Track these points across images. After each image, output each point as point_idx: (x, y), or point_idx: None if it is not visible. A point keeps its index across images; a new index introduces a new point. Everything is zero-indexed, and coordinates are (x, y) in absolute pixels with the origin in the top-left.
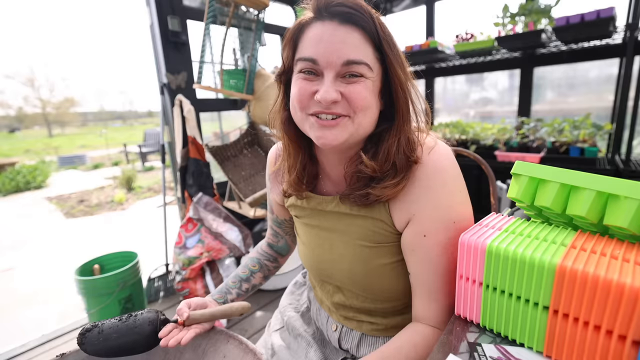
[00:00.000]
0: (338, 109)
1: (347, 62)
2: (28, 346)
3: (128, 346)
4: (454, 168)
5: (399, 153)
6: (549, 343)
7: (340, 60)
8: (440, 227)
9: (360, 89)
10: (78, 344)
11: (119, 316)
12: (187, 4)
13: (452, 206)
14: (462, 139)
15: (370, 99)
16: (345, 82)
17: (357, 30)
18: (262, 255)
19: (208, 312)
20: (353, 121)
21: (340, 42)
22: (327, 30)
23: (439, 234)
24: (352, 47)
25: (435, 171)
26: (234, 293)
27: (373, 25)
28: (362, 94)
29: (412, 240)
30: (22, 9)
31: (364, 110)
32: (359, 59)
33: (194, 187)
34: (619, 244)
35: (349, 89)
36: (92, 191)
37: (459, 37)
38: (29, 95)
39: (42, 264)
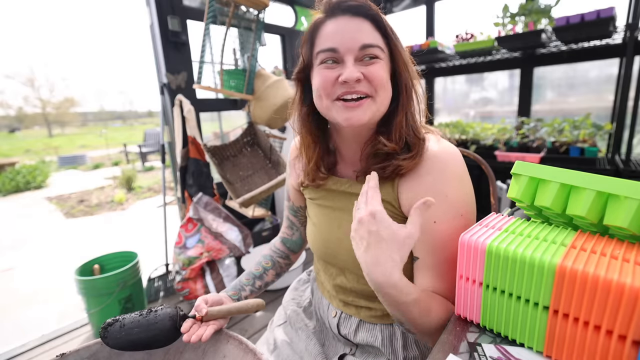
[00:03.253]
0: (361, 87)
1: (364, 45)
2: (28, 346)
3: (149, 341)
4: (464, 164)
5: (409, 130)
6: (549, 343)
7: (357, 45)
8: (450, 217)
9: (377, 69)
10: (101, 338)
11: (139, 311)
12: (187, 4)
13: (463, 199)
14: (462, 139)
15: (386, 78)
16: (364, 64)
17: (367, 20)
18: (274, 252)
19: (225, 309)
20: (375, 100)
21: (355, 31)
22: (341, 23)
23: (448, 222)
24: (366, 34)
25: (447, 161)
26: (248, 290)
27: (378, 16)
28: (379, 73)
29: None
30: (22, 9)
31: (383, 87)
32: (373, 42)
33: (194, 187)
34: (619, 244)
35: (369, 69)
36: (92, 191)
37: (459, 37)
38: (29, 95)
39: (42, 264)
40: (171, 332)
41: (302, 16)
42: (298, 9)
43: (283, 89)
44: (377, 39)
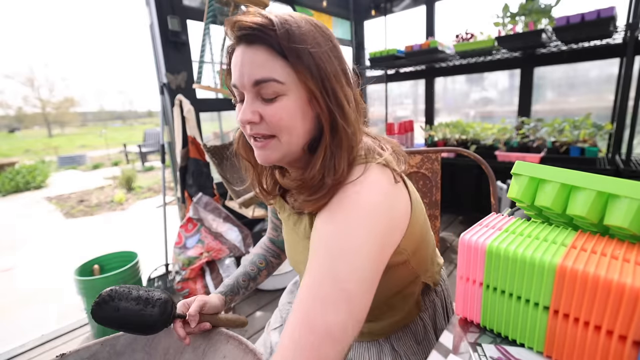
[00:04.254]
0: (261, 129)
1: (255, 82)
2: (28, 346)
3: (135, 331)
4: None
5: (325, 169)
6: (549, 343)
7: (249, 83)
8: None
9: (275, 110)
10: (91, 311)
11: (136, 294)
12: (187, 4)
13: (342, 260)
14: (462, 139)
15: (289, 118)
16: (264, 102)
17: (262, 48)
18: (267, 251)
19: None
20: (280, 141)
21: (248, 64)
22: (238, 55)
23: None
24: (258, 67)
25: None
26: (241, 293)
27: (276, 38)
28: (277, 115)
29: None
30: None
31: (286, 129)
32: (265, 76)
33: (193, 187)
34: (619, 244)
35: (266, 110)
36: (92, 191)
37: (459, 37)
38: (29, 95)
39: (42, 264)
40: (159, 329)
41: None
42: (298, 8)
43: None
44: (274, 69)
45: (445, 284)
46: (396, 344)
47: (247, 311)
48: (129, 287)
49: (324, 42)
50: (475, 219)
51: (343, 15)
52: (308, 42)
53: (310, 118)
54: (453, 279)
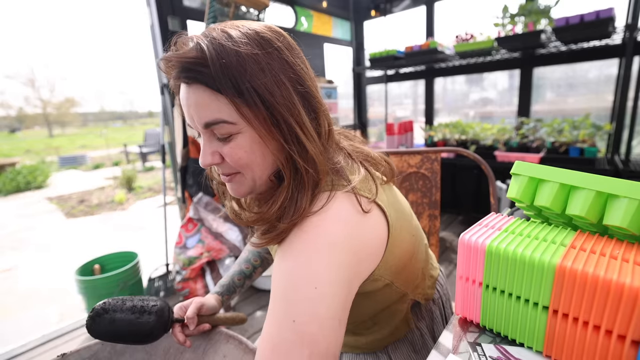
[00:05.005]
0: (225, 169)
1: (205, 125)
2: (28, 346)
3: (134, 340)
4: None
5: (287, 208)
6: (549, 343)
7: (200, 125)
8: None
9: (231, 150)
10: (86, 326)
11: (131, 304)
12: (187, 4)
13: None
14: (462, 139)
15: (247, 156)
16: (221, 141)
17: (201, 87)
18: (262, 248)
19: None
20: (245, 176)
21: (193, 106)
22: (183, 95)
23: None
24: (204, 108)
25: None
26: (237, 292)
27: (211, 77)
28: (235, 155)
29: None
30: (22, 9)
31: (247, 167)
32: (213, 119)
33: (194, 187)
34: (618, 244)
35: (224, 150)
36: (93, 191)
37: (459, 38)
38: (30, 95)
39: (43, 264)
40: (159, 336)
41: (302, 16)
42: (298, 9)
43: None
44: (220, 110)
45: (444, 290)
46: (393, 355)
47: (247, 311)
48: (122, 298)
49: (271, 65)
50: (475, 219)
51: (343, 16)
52: (248, 72)
53: (270, 150)
54: (453, 279)
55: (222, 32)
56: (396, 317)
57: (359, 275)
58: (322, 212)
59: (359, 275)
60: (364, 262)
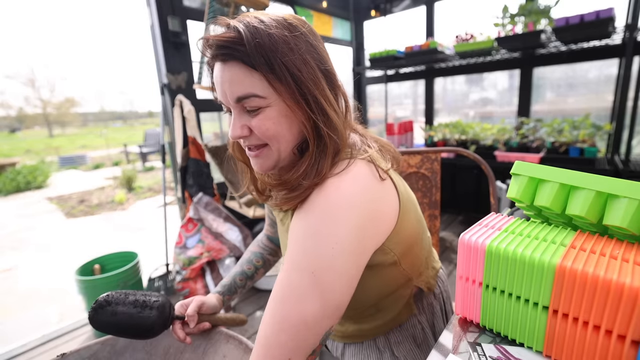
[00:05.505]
0: (252, 140)
1: (237, 99)
2: (28, 346)
3: (135, 334)
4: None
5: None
6: (549, 343)
7: (232, 100)
8: (296, 267)
9: (260, 122)
10: (88, 317)
11: (134, 298)
12: (187, 4)
13: (317, 254)
14: (462, 139)
15: (275, 127)
16: (250, 115)
17: (238, 64)
18: (264, 249)
19: (213, 319)
20: (272, 149)
21: (227, 82)
22: (217, 73)
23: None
24: (237, 84)
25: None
26: (239, 292)
27: (247, 54)
28: (263, 126)
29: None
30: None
31: (274, 138)
32: (245, 93)
33: (194, 187)
34: (618, 244)
35: (252, 122)
36: (93, 191)
37: (459, 38)
38: (30, 95)
39: (43, 264)
40: (159, 332)
41: (302, 16)
42: (298, 9)
43: None
44: (253, 84)
45: (444, 286)
46: (396, 349)
47: (247, 311)
48: (125, 292)
49: (299, 46)
50: (475, 219)
51: (343, 16)
52: (280, 50)
53: (297, 123)
54: (453, 278)
55: (255, 18)
56: (399, 302)
57: (374, 239)
58: (343, 174)
59: (374, 239)
60: (379, 227)
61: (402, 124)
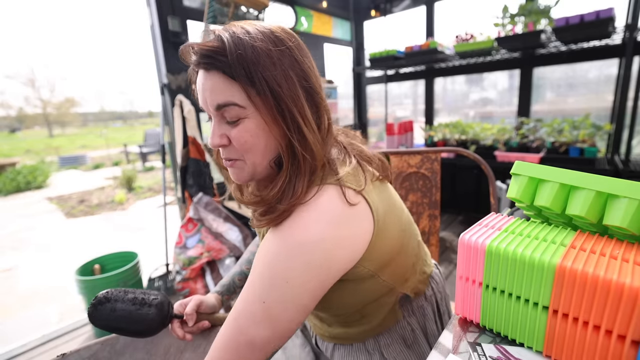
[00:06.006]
0: (228, 152)
1: (217, 106)
2: (28, 346)
3: (132, 332)
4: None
5: (286, 191)
6: (549, 343)
7: (212, 107)
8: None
9: (238, 133)
10: (88, 314)
11: (132, 296)
12: (187, 4)
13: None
14: (462, 139)
15: (252, 140)
16: (229, 125)
17: (219, 73)
18: None
19: (212, 319)
20: (246, 162)
21: (208, 90)
22: (200, 80)
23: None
24: (218, 92)
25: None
26: (238, 292)
27: (229, 66)
28: (242, 138)
29: None
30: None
31: (250, 150)
32: (225, 101)
33: (194, 187)
34: (618, 244)
35: (231, 133)
36: (93, 191)
37: (459, 38)
38: (30, 95)
39: (43, 264)
40: (157, 330)
41: (302, 16)
42: (298, 9)
43: None
44: (233, 95)
45: (438, 287)
46: (385, 352)
47: None
48: (125, 289)
49: (282, 60)
50: (475, 219)
51: (343, 16)
52: (261, 64)
53: (272, 138)
54: (453, 278)
55: (241, 28)
56: (384, 309)
57: (341, 265)
58: (312, 202)
59: (341, 265)
60: (347, 255)
61: (402, 124)
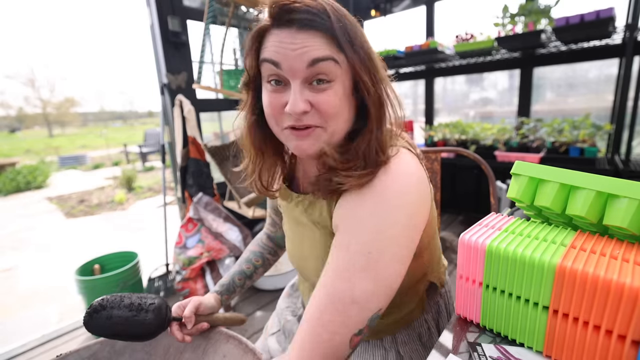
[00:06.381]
0: (309, 119)
1: (313, 61)
2: (28, 346)
3: (131, 337)
4: (405, 192)
5: (369, 152)
6: (549, 343)
7: (304, 64)
8: (352, 249)
9: (328, 97)
10: (84, 322)
11: (129, 301)
12: (187, 4)
13: (375, 235)
14: (462, 139)
15: (340, 104)
16: (314, 90)
17: (317, 33)
18: (264, 248)
19: (212, 319)
20: (326, 130)
21: (300, 47)
22: (286, 37)
23: (347, 255)
24: (316, 47)
25: (379, 189)
26: (237, 291)
27: (332, 27)
28: (331, 103)
29: (330, 249)
30: (23, 9)
31: (336, 117)
32: (325, 55)
33: (194, 187)
34: (618, 244)
35: (317, 98)
36: (93, 191)
37: (459, 38)
38: (30, 95)
39: (43, 264)
40: (156, 334)
41: None
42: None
43: None
44: (331, 51)
45: (448, 286)
46: (402, 349)
47: (247, 311)
48: (120, 295)
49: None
50: (475, 219)
51: None
52: (359, 34)
53: (353, 107)
54: (453, 278)
55: (335, 2)
56: (415, 298)
57: (422, 226)
58: (396, 159)
59: (422, 226)
60: (425, 214)
61: None
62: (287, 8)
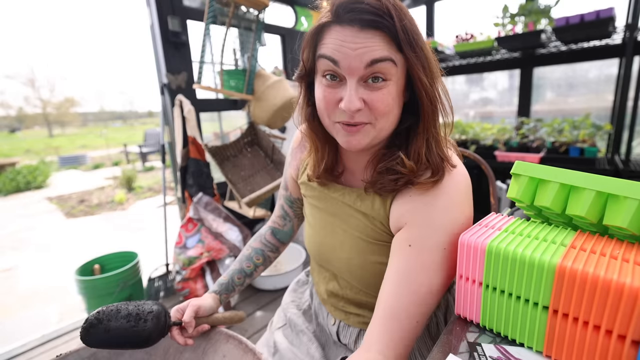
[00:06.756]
0: (360, 116)
1: (372, 61)
2: (28, 346)
3: (132, 346)
4: (466, 193)
5: (431, 152)
6: (549, 343)
7: (362, 64)
8: (428, 246)
9: (382, 96)
10: (80, 337)
11: (126, 312)
12: (187, 4)
13: (449, 232)
14: (462, 139)
15: (392, 103)
16: (369, 88)
17: (378, 33)
18: (266, 245)
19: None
20: (375, 127)
21: (361, 47)
22: (347, 36)
23: (424, 251)
24: (374, 49)
25: (447, 189)
26: (237, 290)
27: (394, 27)
28: (385, 101)
29: (398, 245)
30: (23, 9)
31: (385, 115)
32: (383, 55)
33: (194, 187)
34: (618, 244)
35: (372, 96)
36: (93, 191)
37: (459, 37)
38: (30, 95)
39: (43, 264)
40: (155, 342)
41: (302, 16)
42: (298, 9)
43: (283, 90)
44: (390, 52)
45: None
46: None
47: (247, 310)
48: (116, 305)
49: None
50: (475, 219)
51: None
52: (417, 32)
53: (401, 106)
54: None
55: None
56: None
57: None
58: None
59: None
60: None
61: None
62: (352, 7)
